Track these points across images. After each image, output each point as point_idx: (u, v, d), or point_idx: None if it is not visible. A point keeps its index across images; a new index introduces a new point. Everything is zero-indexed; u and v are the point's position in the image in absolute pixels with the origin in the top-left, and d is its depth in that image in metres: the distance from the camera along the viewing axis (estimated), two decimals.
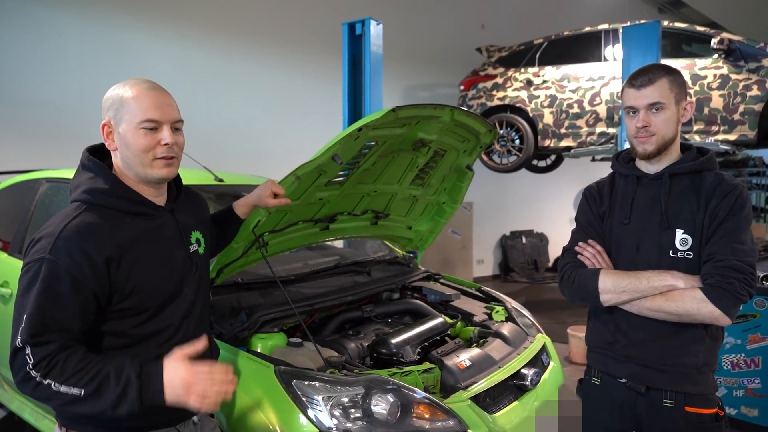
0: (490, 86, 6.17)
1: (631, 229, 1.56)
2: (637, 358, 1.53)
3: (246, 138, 5.98)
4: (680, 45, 5.25)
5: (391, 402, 1.64)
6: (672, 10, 11.54)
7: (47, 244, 1.20)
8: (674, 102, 1.50)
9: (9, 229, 2.91)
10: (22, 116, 4.71)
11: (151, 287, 1.30)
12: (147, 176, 1.31)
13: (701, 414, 1.47)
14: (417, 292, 2.74)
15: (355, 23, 4.30)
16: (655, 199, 1.54)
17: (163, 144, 1.28)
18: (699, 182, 1.51)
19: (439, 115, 2.06)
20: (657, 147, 1.52)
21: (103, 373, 1.16)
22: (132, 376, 1.17)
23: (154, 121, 1.27)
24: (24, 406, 2.67)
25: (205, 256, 1.50)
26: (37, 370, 1.14)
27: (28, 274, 1.20)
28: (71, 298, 1.18)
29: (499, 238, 9.30)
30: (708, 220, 1.46)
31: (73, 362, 1.16)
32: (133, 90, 1.28)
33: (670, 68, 1.55)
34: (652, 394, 1.51)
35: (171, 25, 5.54)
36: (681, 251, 1.48)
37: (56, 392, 1.14)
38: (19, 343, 1.15)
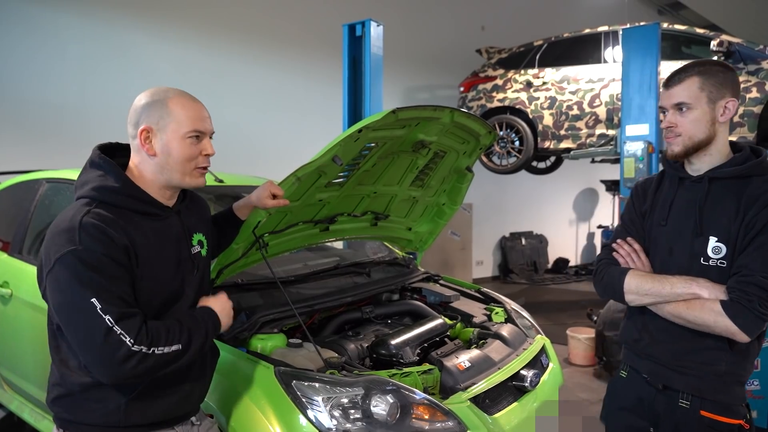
0: (489, 88, 6.18)
1: (667, 231, 1.53)
2: (656, 356, 1.54)
3: (246, 139, 5.98)
4: (680, 47, 5.27)
5: (391, 403, 1.64)
6: (671, 12, 11.57)
7: (72, 236, 1.20)
8: (706, 101, 1.44)
9: (9, 229, 2.91)
10: (23, 116, 4.71)
11: (154, 285, 1.31)
12: (183, 184, 1.36)
13: (717, 421, 1.44)
14: (416, 293, 2.74)
15: (355, 25, 4.31)
16: (692, 202, 1.49)
17: (205, 155, 1.35)
18: (742, 188, 1.43)
19: (439, 116, 2.06)
20: (684, 148, 1.48)
21: (185, 327, 1.30)
22: (206, 317, 1.36)
23: (200, 132, 1.33)
24: (23, 406, 2.67)
25: (206, 258, 1.51)
26: (139, 343, 1.18)
27: (65, 269, 1.18)
28: (120, 276, 1.22)
29: (498, 239, 9.31)
30: (744, 229, 1.39)
31: (160, 326, 1.25)
32: (178, 99, 1.33)
33: (708, 65, 1.48)
34: (670, 393, 1.51)
35: (172, 26, 5.55)
36: (713, 259, 1.43)
37: (161, 355, 1.22)
38: (110, 321, 1.16)
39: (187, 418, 1.45)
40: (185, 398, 1.41)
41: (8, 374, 2.71)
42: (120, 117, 1.79)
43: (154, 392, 1.33)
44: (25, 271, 2.57)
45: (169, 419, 1.39)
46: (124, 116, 1.40)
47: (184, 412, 1.44)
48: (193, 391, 1.44)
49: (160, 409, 1.35)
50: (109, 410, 1.29)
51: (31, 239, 2.74)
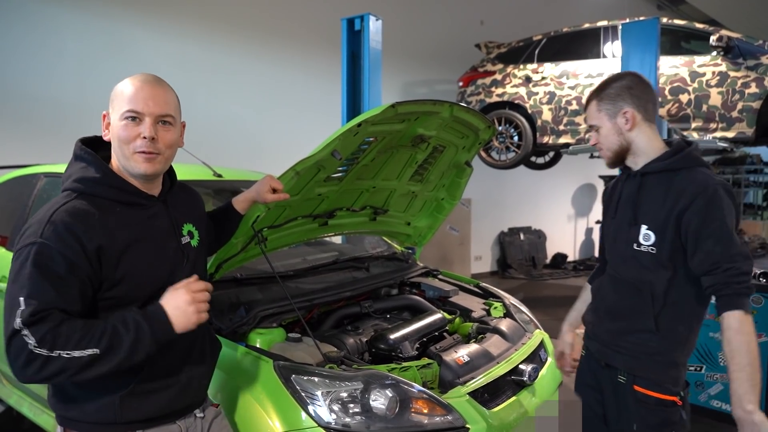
0: (488, 83, 6.16)
1: (615, 222, 1.72)
2: (600, 337, 1.73)
3: (245, 134, 5.97)
4: (679, 42, 5.25)
5: (390, 397, 1.65)
6: (671, 7, 11.55)
7: (37, 229, 1.18)
8: (606, 118, 1.66)
9: (7, 223, 2.91)
10: (21, 111, 4.69)
11: (140, 276, 1.28)
12: (129, 169, 1.29)
13: (649, 395, 1.57)
14: (415, 288, 2.74)
15: (354, 19, 4.29)
16: (630, 195, 1.67)
17: (142, 137, 1.25)
18: (671, 181, 1.57)
19: (439, 110, 2.06)
20: (609, 159, 1.71)
21: (109, 328, 1.16)
22: (139, 319, 1.19)
23: (135, 112, 1.25)
24: (22, 400, 2.67)
25: (198, 249, 1.47)
26: (41, 346, 1.10)
27: (19, 258, 1.17)
28: (70, 280, 1.16)
29: (497, 234, 9.31)
30: (675, 220, 1.51)
31: (77, 327, 1.14)
32: (127, 82, 1.29)
33: (600, 88, 1.69)
34: (611, 369, 1.68)
35: (170, 21, 5.52)
36: (644, 245, 1.59)
37: (69, 359, 1.11)
38: (18, 325, 1.10)
39: (189, 411, 1.42)
40: (182, 391, 1.37)
41: (7, 369, 2.71)
42: None
43: (149, 386, 1.30)
44: None
45: (169, 413, 1.36)
46: None
47: (184, 405, 1.40)
48: (190, 384, 1.40)
49: (156, 404, 1.32)
50: (103, 406, 1.27)
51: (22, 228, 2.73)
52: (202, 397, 1.48)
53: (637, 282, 1.60)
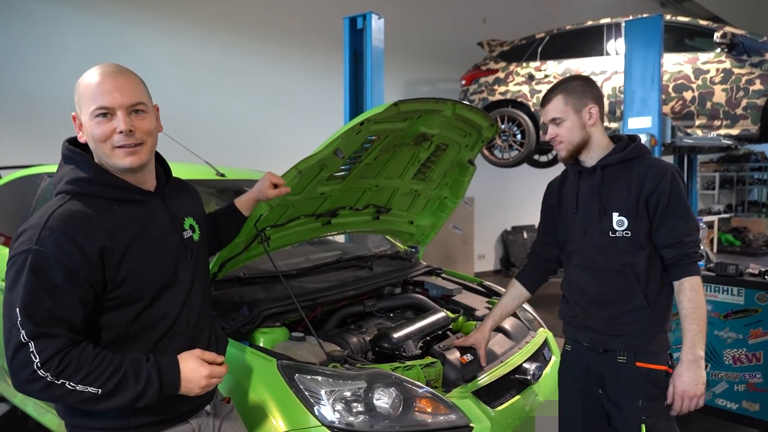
0: (491, 81, 6.15)
1: (579, 216, 1.80)
2: (592, 327, 1.77)
3: (247, 133, 5.97)
4: (683, 39, 5.23)
5: (394, 396, 1.64)
6: (674, 4, 11.50)
7: (32, 235, 1.13)
8: (573, 112, 1.73)
9: (11, 224, 2.91)
10: (24, 111, 4.70)
11: (144, 273, 1.25)
12: (113, 166, 1.24)
13: (650, 369, 1.69)
14: (419, 287, 2.74)
15: (356, 18, 4.28)
16: (592, 189, 1.76)
17: (118, 132, 1.20)
18: (630, 169, 1.72)
19: (441, 109, 2.05)
20: (567, 152, 1.77)
21: (121, 371, 1.15)
22: (153, 373, 1.18)
23: (105, 108, 1.20)
24: (27, 399, 2.68)
25: (200, 244, 1.45)
26: (46, 369, 1.09)
27: (14, 267, 1.13)
28: (67, 288, 1.13)
29: (500, 233, 9.30)
30: (645, 203, 1.67)
31: (88, 360, 1.12)
32: (87, 78, 1.22)
33: (567, 82, 1.77)
34: (609, 353, 1.74)
35: (172, 20, 5.53)
36: (619, 231, 1.71)
37: (71, 391, 1.11)
38: (24, 338, 1.08)
39: (200, 408, 1.41)
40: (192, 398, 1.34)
41: None
42: None
43: None
44: None
45: (181, 413, 1.35)
46: None
47: (195, 404, 1.38)
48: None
49: (167, 405, 1.29)
50: (115, 413, 1.24)
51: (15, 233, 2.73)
52: (212, 394, 1.47)
53: (618, 266, 1.71)
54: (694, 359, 1.62)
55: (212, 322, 1.50)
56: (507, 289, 2.11)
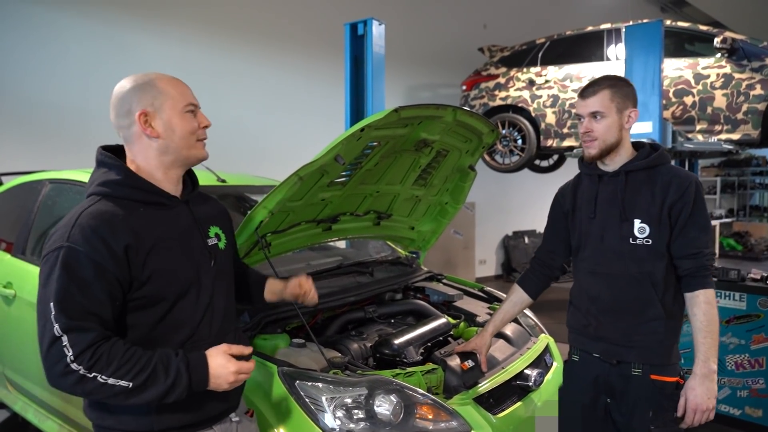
0: (492, 86, 6.16)
1: (597, 222, 1.76)
2: (607, 337, 1.74)
3: (248, 139, 5.98)
4: (683, 44, 5.24)
5: (395, 403, 1.64)
6: (674, 10, 11.53)
7: (63, 233, 1.20)
8: (615, 111, 1.69)
9: (13, 230, 2.92)
10: (25, 117, 4.71)
11: (167, 275, 1.28)
12: (190, 158, 1.36)
13: (664, 382, 1.67)
14: (420, 293, 2.73)
15: (357, 24, 4.29)
16: (614, 194, 1.72)
17: (203, 126, 1.37)
18: (654, 176, 1.69)
19: (442, 115, 2.06)
20: (599, 150, 1.72)
21: (151, 366, 1.18)
22: (182, 369, 1.20)
23: (194, 105, 1.35)
24: (27, 406, 2.67)
25: (225, 252, 1.47)
26: (79, 362, 1.12)
27: (47, 264, 1.18)
28: (97, 283, 1.17)
29: (501, 238, 9.29)
30: (668, 211, 1.65)
31: (119, 354, 1.16)
32: (163, 78, 1.34)
33: (616, 80, 1.72)
34: (623, 365, 1.71)
35: (173, 25, 5.55)
36: (640, 238, 1.68)
37: (102, 384, 1.13)
38: (58, 331, 1.12)
39: (225, 416, 1.42)
40: (218, 398, 1.36)
41: (12, 375, 2.72)
42: None
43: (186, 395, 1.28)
44: (28, 271, 2.58)
45: (205, 419, 1.36)
46: None
47: (220, 411, 1.39)
48: (225, 393, 1.36)
49: (193, 411, 1.31)
50: (140, 415, 1.27)
51: (34, 240, 2.74)
52: (236, 401, 1.48)
53: (636, 274, 1.68)
54: (707, 373, 1.60)
55: (237, 329, 1.50)
56: (508, 294, 2.09)
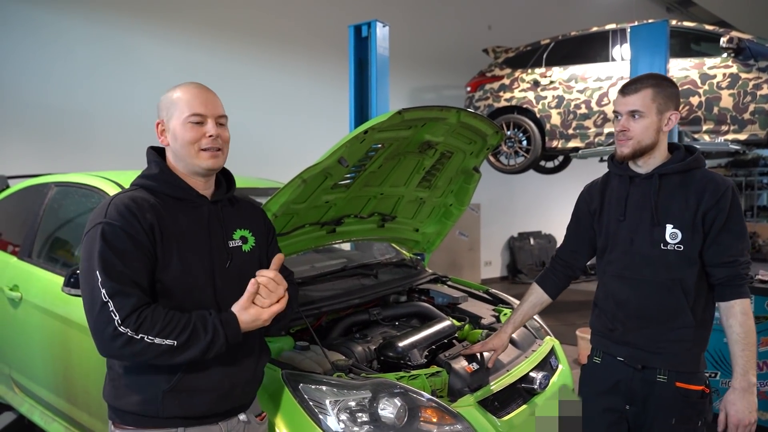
0: (497, 87, 6.15)
1: (626, 224, 1.70)
2: (633, 342, 1.69)
3: (252, 141, 5.99)
4: (689, 44, 5.22)
5: (399, 406, 1.63)
6: (680, 9, 11.48)
7: (101, 212, 1.31)
8: (656, 111, 1.62)
9: (19, 232, 2.93)
10: (31, 120, 4.75)
11: (178, 266, 1.33)
12: (195, 166, 1.40)
13: (689, 390, 1.63)
14: (424, 295, 2.72)
15: (361, 25, 4.30)
16: (646, 197, 1.67)
17: (208, 136, 1.38)
18: (688, 180, 1.64)
19: (446, 116, 2.05)
20: (632, 151, 1.65)
21: (191, 325, 1.27)
22: (218, 325, 1.29)
23: (200, 115, 1.38)
24: (34, 408, 2.68)
25: (249, 255, 1.49)
26: (126, 325, 1.21)
27: (87, 240, 1.29)
28: (134, 253, 1.27)
29: (506, 239, 9.27)
30: (702, 217, 1.60)
31: (161, 316, 1.25)
32: (181, 90, 1.41)
33: (661, 80, 1.66)
34: (648, 371, 1.67)
35: (177, 28, 5.58)
36: (671, 244, 1.63)
37: (150, 344, 1.22)
38: (105, 296, 1.21)
39: (232, 414, 1.44)
40: (224, 396, 1.39)
41: (19, 377, 2.73)
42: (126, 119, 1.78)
43: (190, 386, 1.34)
44: (34, 274, 2.59)
45: (210, 415, 1.39)
46: (129, 119, 1.43)
47: (226, 409, 1.41)
48: (233, 390, 1.41)
49: (197, 405, 1.35)
50: (148, 399, 1.33)
51: (40, 243, 2.76)
52: (246, 401, 1.49)
53: (666, 281, 1.63)
54: (747, 386, 1.56)
55: (260, 335, 1.50)
56: (527, 294, 2.02)
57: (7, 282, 2.66)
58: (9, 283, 2.64)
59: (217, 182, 1.50)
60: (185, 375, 1.33)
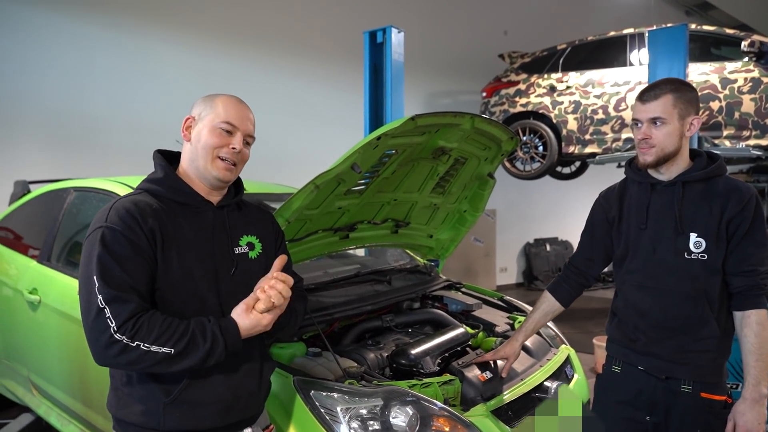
0: (512, 93, 6.12)
1: (648, 233, 1.67)
2: (657, 353, 1.65)
3: (267, 147, 6.00)
4: (709, 48, 5.13)
5: (410, 414, 1.62)
6: (700, 13, 11.32)
7: (103, 216, 1.30)
8: (677, 117, 1.59)
9: (39, 237, 2.98)
10: (51, 126, 4.84)
11: (179, 272, 1.31)
12: (207, 172, 1.38)
13: (713, 400, 1.60)
14: (438, 302, 2.71)
15: (376, 31, 4.31)
16: (669, 205, 1.64)
17: (231, 147, 1.38)
18: (711, 188, 1.61)
19: (460, 122, 2.04)
20: (656, 158, 1.62)
21: (189, 332, 1.24)
22: (217, 332, 1.26)
23: (232, 125, 1.39)
24: (50, 411, 2.72)
25: (256, 262, 1.46)
26: (122, 332, 1.18)
27: (88, 243, 1.27)
28: (133, 259, 1.25)
29: (522, 245, 9.19)
30: (726, 225, 1.57)
31: (158, 323, 1.22)
32: (224, 97, 1.42)
33: (680, 84, 1.62)
34: (672, 381, 1.63)
35: (194, 35, 5.65)
36: (695, 253, 1.59)
37: (146, 352, 1.19)
38: (101, 302, 1.19)
39: (238, 429, 1.41)
40: (227, 409, 1.36)
41: (36, 379, 2.77)
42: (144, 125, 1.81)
43: (192, 399, 1.31)
44: (53, 278, 2.63)
45: (213, 429, 1.36)
46: (149, 125, 1.44)
47: (230, 423, 1.38)
48: (236, 402, 1.38)
49: (198, 417, 1.32)
50: (149, 411, 1.29)
51: (59, 247, 2.80)
52: (252, 414, 1.46)
53: (690, 291, 1.60)
54: (758, 397, 1.53)
55: (261, 344, 1.49)
56: (538, 302, 2.01)
57: (27, 285, 2.70)
58: (28, 286, 2.69)
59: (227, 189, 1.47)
60: (187, 387, 1.30)
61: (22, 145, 4.69)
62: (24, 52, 4.66)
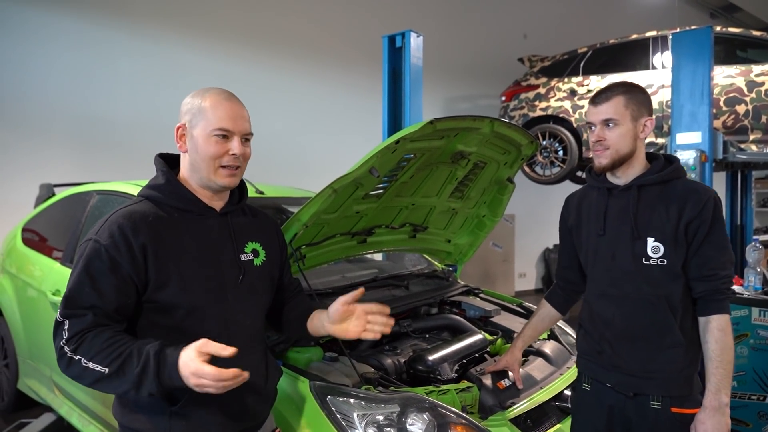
0: (532, 96, 6.06)
1: (606, 239, 1.64)
2: (623, 368, 1.61)
3: (287, 151, 6.08)
4: (734, 51, 5.03)
5: (427, 422, 1.60)
6: (725, 15, 11.09)
7: (96, 227, 1.28)
8: (630, 119, 1.57)
9: (63, 239, 3.04)
10: (76, 130, 4.94)
11: (184, 282, 1.28)
12: (210, 182, 1.35)
13: (685, 414, 1.54)
14: (456, 307, 2.68)
15: (395, 36, 4.31)
16: (625, 209, 1.61)
17: (231, 154, 1.33)
18: (669, 191, 1.57)
19: (479, 126, 2.02)
20: (611, 161, 1.59)
21: (126, 353, 1.18)
22: (150, 354, 1.16)
23: (227, 130, 1.32)
24: (72, 411, 2.75)
25: (261, 269, 1.45)
26: (69, 344, 1.19)
27: (78, 252, 1.28)
28: (107, 276, 1.23)
29: (542, 251, 9.08)
30: (684, 229, 1.53)
31: (101, 340, 1.19)
32: (211, 99, 1.34)
33: (631, 86, 1.61)
34: (641, 398, 1.58)
35: (217, 42, 5.72)
36: (653, 258, 1.56)
37: (85, 368, 1.18)
38: (59, 317, 1.21)
39: None
40: (234, 417, 1.35)
41: (59, 379, 2.81)
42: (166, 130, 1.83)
43: (198, 408, 1.29)
44: None
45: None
46: (170, 129, 1.43)
47: (236, 430, 1.38)
48: (244, 411, 1.37)
49: (205, 426, 1.31)
50: (155, 419, 1.28)
51: None
52: (258, 422, 1.45)
53: (651, 297, 1.56)
54: (718, 406, 1.48)
55: (266, 352, 1.49)
56: (536, 309, 2.02)
57: (50, 287, 2.75)
58: (52, 287, 2.73)
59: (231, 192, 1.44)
60: (194, 396, 1.23)
61: (49, 149, 4.79)
62: (50, 61, 4.77)
